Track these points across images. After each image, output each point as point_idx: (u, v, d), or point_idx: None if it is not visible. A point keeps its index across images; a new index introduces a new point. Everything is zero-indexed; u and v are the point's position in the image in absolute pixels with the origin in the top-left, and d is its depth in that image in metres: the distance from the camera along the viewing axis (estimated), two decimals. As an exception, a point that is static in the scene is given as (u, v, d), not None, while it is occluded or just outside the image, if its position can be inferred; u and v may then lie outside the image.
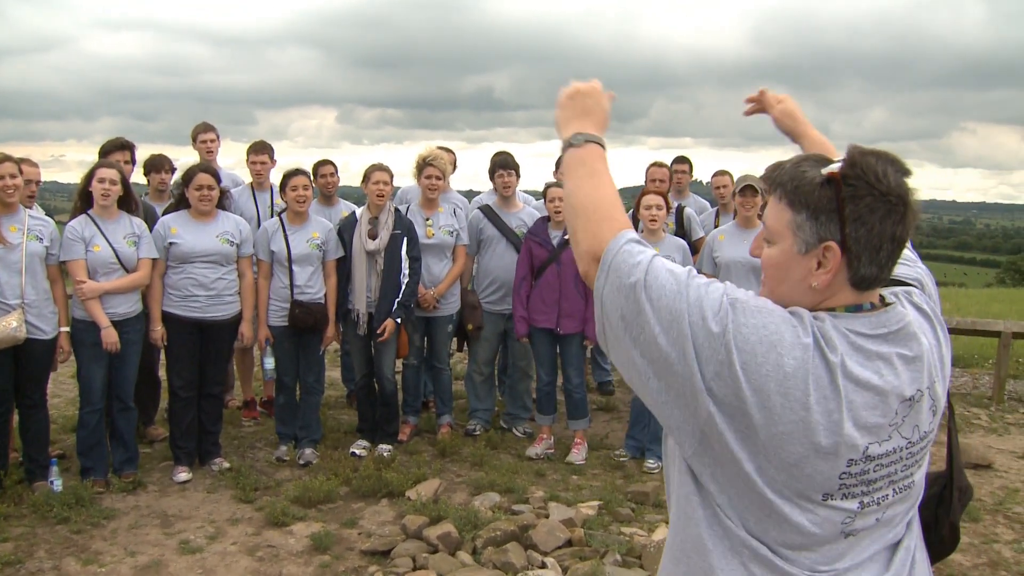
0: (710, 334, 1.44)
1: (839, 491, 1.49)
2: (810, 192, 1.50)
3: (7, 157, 5.46)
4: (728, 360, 1.42)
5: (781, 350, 1.43)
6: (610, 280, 1.55)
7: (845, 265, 1.50)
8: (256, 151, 7.28)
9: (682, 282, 1.50)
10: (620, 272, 1.54)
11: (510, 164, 7.05)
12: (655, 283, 1.50)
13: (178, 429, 6.18)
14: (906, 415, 1.52)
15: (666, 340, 1.46)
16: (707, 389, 1.44)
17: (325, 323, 6.39)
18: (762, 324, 1.45)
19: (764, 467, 1.45)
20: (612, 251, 1.57)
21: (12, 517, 5.32)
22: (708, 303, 1.47)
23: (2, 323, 5.36)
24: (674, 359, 1.46)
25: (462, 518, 5.13)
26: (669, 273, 1.52)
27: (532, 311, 6.56)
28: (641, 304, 1.49)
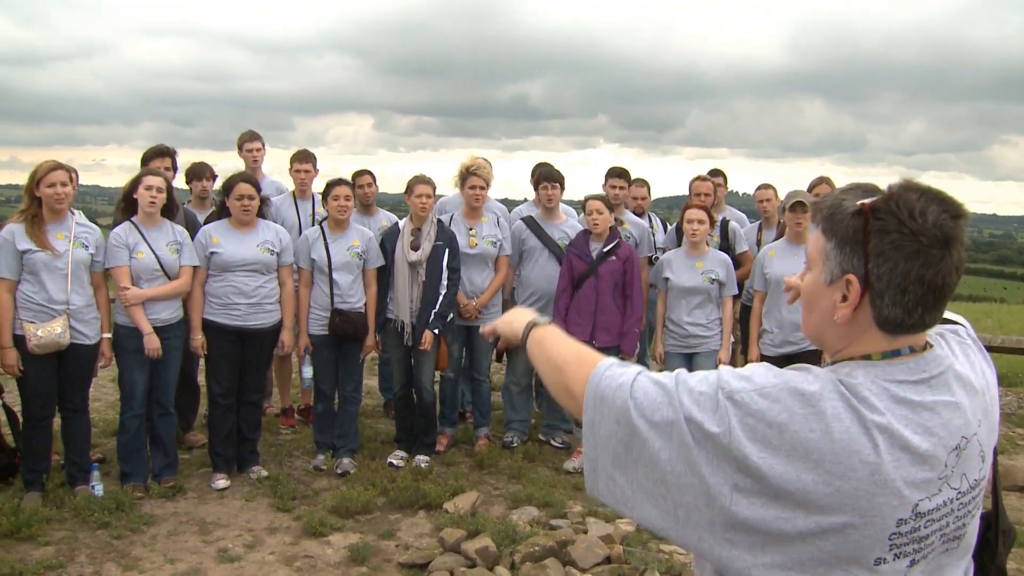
0: (713, 437, 1.38)
1: (890, 552, 1.41)
2: (841, 221, 1.45)
3: (58, 165, 5.52)
4: (742, 456, 1.36)
5: (795, 427, 1.36)
6: (599, 409, 1.50)
7: (869, 303, 1.44)
8: (300, 160, 7.31)
9: (671, 391, 1.44)
10: (606, 399, 1.49)
11: (555, 176, 7.01)
12: (645, 399, 1.45)
13: (217, 436, 6.21)
14: (954, 465, 1.44)
15: (668, 455, 1.40)
16: (733, 487, 1.37)
17: (365, 332, 6.40)
18: (766, 408, 1.38)
19: (808, 542, 1.38)
20: (594, 381, 1.53)
21: (54, 520, 5.37)
22: (704, 404, 1.40)
23: (47, 328, 5.42)
24: (680, 471, 1.40)
25: (500, 532, 5.09)
26: (656, 385, 1.46)
27: (569, 324, 6.52)
28: (635, 424, 1.44)
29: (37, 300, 5.45)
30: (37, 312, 5.45)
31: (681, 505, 1.41)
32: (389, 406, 7.89)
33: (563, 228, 7.02)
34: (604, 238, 6.54)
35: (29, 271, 5.46)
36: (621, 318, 6.46)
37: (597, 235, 6.54)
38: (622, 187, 7.70)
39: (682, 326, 6.50)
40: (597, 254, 6.48)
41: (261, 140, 7.52)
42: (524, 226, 7.06)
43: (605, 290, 6.43)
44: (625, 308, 6.50)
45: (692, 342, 6.48)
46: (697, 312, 6.50)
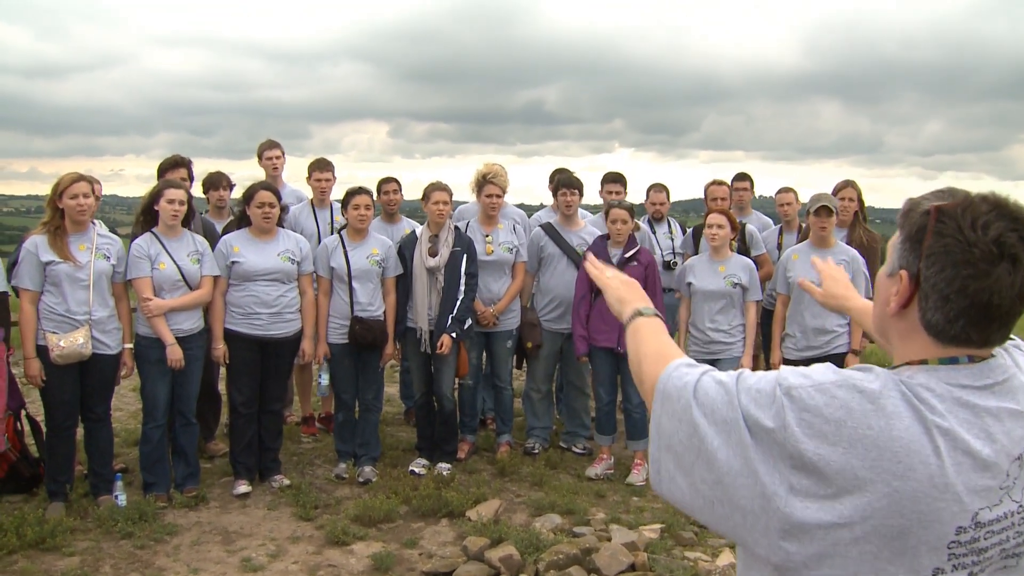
0: (769, 432, 1.37)
1: (948, 562, 1.38)
2: (912, 217, 1.46)
3: (80, 177, 5.54)
4: (798, 452, 1.35)
5: (853, 424, 1.35)
6: (664, 407, 1.52)
7: (917, 303, 1.44)
8: (320, 168, 7.31)
9: (731, 390, 1.44)
10: (671, 397, 1.51)
11: (574, 183, 6.99)
12: (706, 398, 1.45)
13: (238, 445, 6.22)
14: (1016, 476, 1.41)
15: (726, 453, 1.40)
16: (789, 486, 1.36)
17: (384, 340, 6.40)
18: (823, 404, 1.37)
19: (864, 547, 1.35)
20: (664, 379, 1.55)
21: (78, 531, 5.39)
22: (762, 400, 1.40)
23: (69, 338, 5.45)
24: (737, 471, 1.39)
25: (523, 540, 5.07)
26: (718, 385, 1.47)
27: (592, 330, 6.52)
28: (695, 421, 1.44)
29: (59, 311, 5.47)
30: (59, 323, 5.47)
31: (738, 508, 1.40)
32: (410, 414, 7.88)
33: (582, 235, 7.00)
34: (624, 245, 6.52)
35: (52, 282, 5.49)
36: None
37: (617, 242, 6.53)
38: (618, 192, 7.69)
39: (704, 332, 6.47)
40: (618, 260, 6.46)
41: (281, 148, 7.54)
42: (543, 233, 7.04)
43: (627, 296, 6.40)
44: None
45: (714, 348, 6.44)
46: (719, 317, 6.46)
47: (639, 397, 6.52)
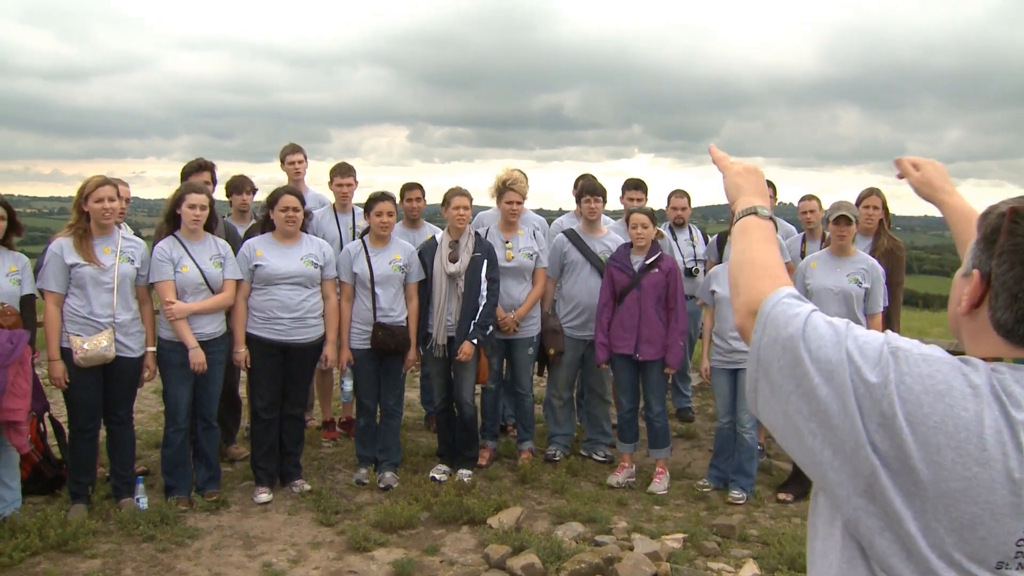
0: (869, 385, 1.36)
1: (1015, 559, 1.36)
2: (989, 219, 1.45)
3: (106, 181, 5.55)
4: (891, 412, 1.34)
5: (951, 401, 1.34)
6: (767, 332, 1.49)
7: (988, 302, 1.43)
8: (342, 173, 7.28)
9: (841, 332, 1.43)
10: (777, 324, 1.48)
11: (598, 190, 6.95)
12: (814, 334, 1.43)
13: (260, 450, 6.21)
14: None
15: (826, 391, 1.39)
16: (870, 443, 1.35)
17: (407, 346, 6.38)
18: (928, 373, 1.36)
19: (932, 527, 1.34)
20: (770, 303, 1.53)
21: (100, 533, 5.40)
22: (868, 352, 1.39)
23: (93, 341, 5.46)
24: (834, 411, 1.38)
25: (545, 548, 5.05)
26: (828, 324, 1.45)
27: (612, 337, 6.49)
28: (800, 355, 1.42)
29: (83, 314, 5.49)
30: (83, 325, 5.49)
31: (828, 446, 1.40)
32: (430, 419, 7.86)
33: (604, 241, 6.97)
34: (646, 251, 6.48)
35: (76, 285, 5.50)
36: (665, 331, 6.40)
37: (639, 248, 6.49)
38: (639, 199, 7.66)
39: (727, 341, 6.40)
40: (639, 267, 6.43)
41: (303, 152, 7.53)
42: (566, 239, 7.00)
43: (649, 303, 6.37)
44: (669, 320, 6.42)
45: (737, 357, 6.38)
46: None
47: (660, 406, 6.50)
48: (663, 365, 6.49)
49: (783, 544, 5.30)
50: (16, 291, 5.42)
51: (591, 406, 7.30)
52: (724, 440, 6.51)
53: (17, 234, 5.54)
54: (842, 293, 6.17)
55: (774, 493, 6.46)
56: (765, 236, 1.74)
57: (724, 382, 6.43)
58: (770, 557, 5.18)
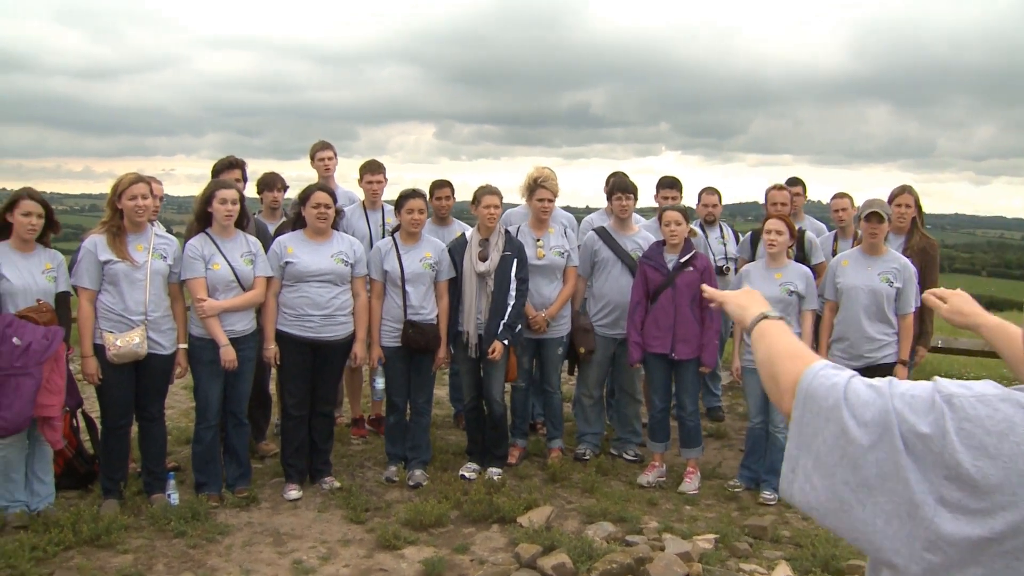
0: (925, 438, 1.31)
1: None
2: None
3: (139, 178, 5.58)
4: (955, 461, 1.29)
5: (1017, 438, 1.29)
6: (808, 407, 1.47)
7: None
8: (371, 171, 7.27)
9: (884, 393, 1.39)
10: (817, 396, 1.46)
11: (629, 187, 6.90)
12: (856, 400, 1.39)
13: (290, 447, 6.22)
14: None
15: (875, 457, 1.35)
16: (938, 498, 1.30)
17: (437, 344, 6.36)
18: (986, 415, 1.31)
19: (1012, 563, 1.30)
20: (807, 378, 1.50)
21: (132, 528, 5.42)
22: (917, 405, 1.34)
23: (125, 338, 5.49)
24: (886, 474, 1.34)
25: (576, 548, 5.01)
26: (869, 387, 1.41)
27: (646, 336, 6.45)
28: (844, 423, 1.39)
29: (116, 311, 5.51)
30: (116, 322, 5.52)
31: (880, 514, 1.35)
32: (459, 417, 7.85)
33: (636, 239, 6.92)
34: (679, 249, 6.43)
35: (109, 282, 5.53)
36: (700, 330, 6.36)
37: (672, 246, 6.44)
38: (674, 198, 7.61)
39: None
40: (673, 265, 6.38)
41: (333, 149, 7.52)
42: (596, 237, 6.96)
43: (683, 302, 6.32)
44: (703, 320, 6.37)
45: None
46: None
47: (693, 405, 6.46)
48: (698, 364, 6.44)
49: (816, 546, 5.23)
50: (52, 288, 5.47)
51: (621, 405, 7.26)
52: (756, 440, 6.45)
53: (54, 232, 5.58)
54: (873, 292, 6.11)
55: (806, 494, 6.39)
56: (783, 330, 1.79)
57: (756, 382, 6.37)
58: (803, 559, 5.13)
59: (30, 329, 5.21)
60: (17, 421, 5.17)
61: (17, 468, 5.52)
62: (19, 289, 5.32)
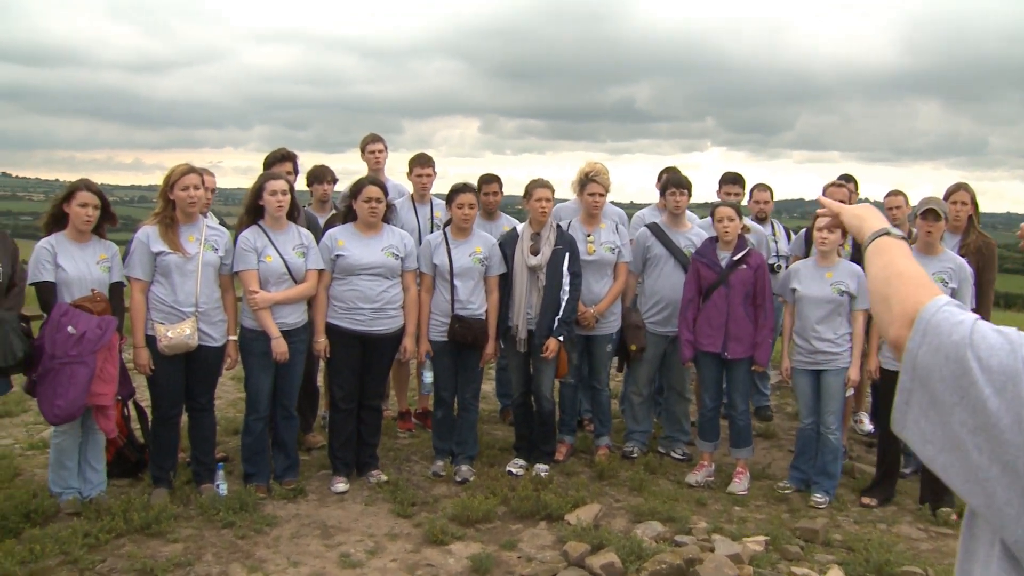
0: None
1: None
2: None
3: (191, 169, 5.61)
4: None
5: None
6: (927, 340, 1.38)
7: None
8: (421, 164, 7.23)
9: (1015, 341, 1.31)
10: (940, 331, 1.38)
11: (683, 183, 6.82)
12: (983, 342, 1.32)
13: (337, 440, 6.22)
14: None
15: (997, 404, 1.27)
16: None
17: (484, 339, 6.32)
18: None
19: None
20: (930, 311, 1.42)
21: (181, 518, 5.46)
22: None
23: (176, 329, 5.52)
24: (1006, 425, 1.26)
25: (625, 547, 4.96)
26: (997, 332, 1.34)
27: (698, 334, 6.37)
28: (967, 363, 1.31)
29: (168, 302, 5.55)
30: (167, 314, 5.55)
31: (997, 462, 1.28)
32: (506, 412, 7.83)
33: (689, 236, 6.84)
34: (732, 246, 6.34)
35: (161, 273, 5.57)
36: (753, 328, 6.27)
37: (725, 243, 6.35)
38: (737, 193, 7.50)
39: (809, 341, 6.23)
40: (727, 263, 6.29)
41: (383, 142, 7.50)
42: (649, 233, 6.88)
43: (736, 300, 6.23)
44: (757, 318, 6.27)
45: (819, 358, 6.20)
46: (821, 327, 6.19)
47: (744, 404, 6.37)
48: (750, 363, 6.36)
49: (870, 551, 5.14)
50: (106, 278, 5.52)
51: (670, 403, 7.19)
52: (806, 441, 6.35)
53: (111, 224, 5.62)
54: None
55: (857, 497, 6.28)
56: (905, 252, 1.68)
57: (806, 383, 6.27)
58: (856, 564, 5.03)
59: (85, 318, 5.27)
60: (71, 409, 5.23)
61: (71, 455, 5.58)
62: (74, 279, 5.38)
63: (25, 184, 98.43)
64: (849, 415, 7.15)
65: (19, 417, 7.79)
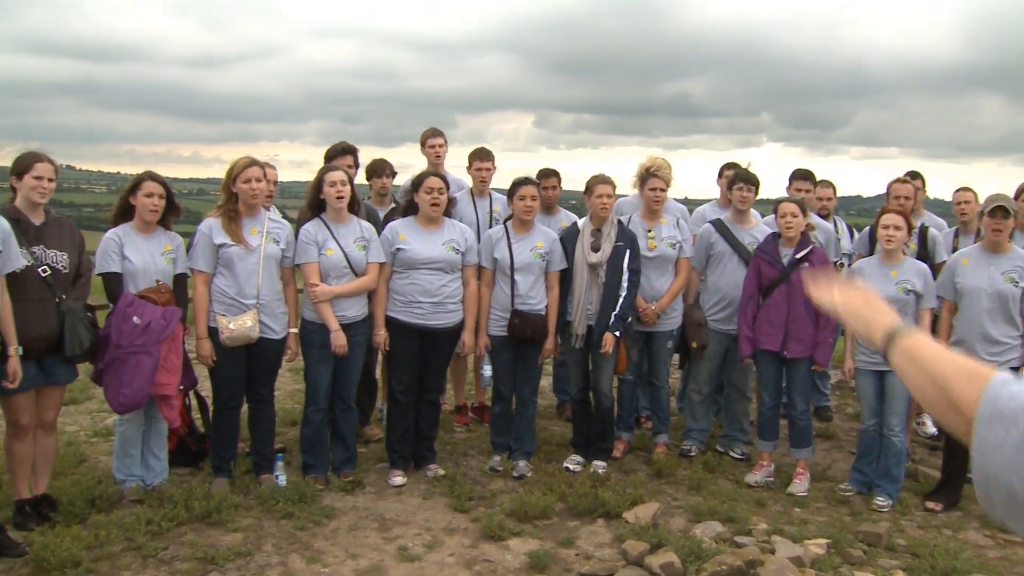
0: None
1: None
2: None
3: (253, 162, 5.65)
4: None
5: None
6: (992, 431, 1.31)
7: None
8: (481, 158, 7.20)
9: None
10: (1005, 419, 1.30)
11: (751, 179, 6.73)
12: None
13: (395, 433, 6.24)
14: None
15: None
16: None
17: (544, 334, 6.28)
18: None
19: None
20: (989, 399, 1.34)
21: (241, 507, 5.51)
22: None
23: (238, 321, 5.57)
24: None
25: (684, 547, 4.90)
26: None
27: (758, 332, 6.28)
28: None
29: (230, 294, 5.60)
30: (229, 306, 5.61)
31: None
32: (563, 408, 7.80)
33: (753, 232, 6.73)
34: (795, 243, 6.23)
35: (223, 265, 5.62)
36: (814, 328, 6.15)
37: (788, 240, 6.25)
38: (808, 190, 7.37)
39: None
40: (789, 260, 6.19)
41: (444, 136, 7.48)
42: (713, 229, 6.79)
43: (798, 298, 6.11)
44: (818, 317, 6.16)
45: (884, 359, 6.07)
46: None
47: (804, 404, 6.28)
48: (810, 363, 6.25)
49: (936, 556, 5.03)
50: (170, 270, 5.59)
51: (730, 401, 7.10)
52: (869, 443, 6.23)
53: (175, 216, 5.69)
54: (996, 293, 5.82)
55: (921, 502, 6.15)
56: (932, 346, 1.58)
57: (870, 383, 6.15)
58: (921, 570, 4.93)
59: (149, 309, 5.33)
60: (136, 398, 5.30)
61: (134, 443, 5.67)
62: (140, 269, 5.45)
63: (88, 176, 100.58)
64: (912, 417, 7.01)
65: (83, 405, 7.93)
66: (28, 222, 5.02)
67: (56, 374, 5.19)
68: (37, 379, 5.05)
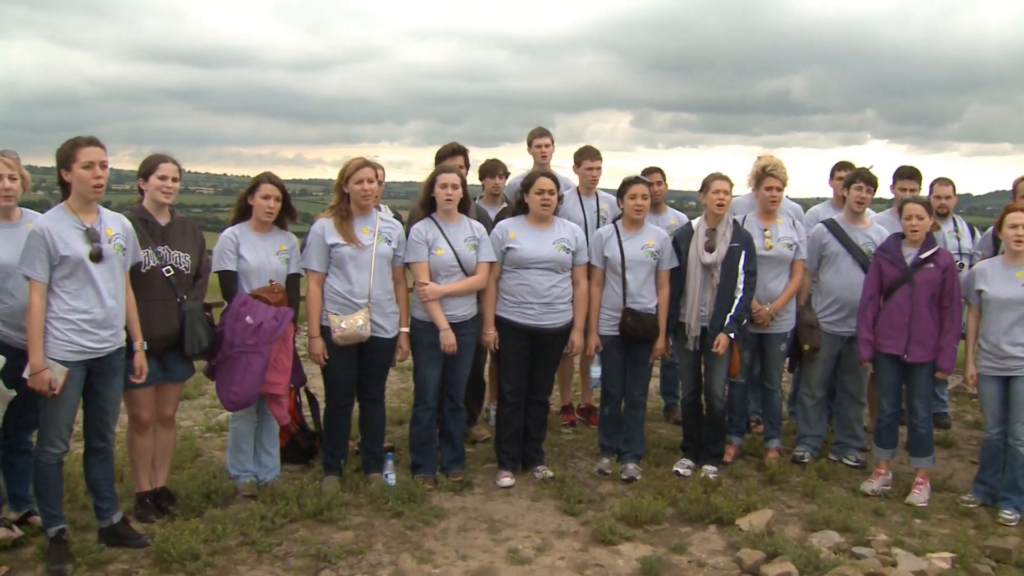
0: None
1: None
2: None
3: (365, 163, 5.70)
4: None
5: None
6: None
7: None
8: (590, 157, 7.13)
9: None
10: None
11: (871, 179, 6.53)
12: None
13: (504, 433, 6.22)
14: None
15: None
16: None
17: (655, 334, 6.19)
18: None
19: None
20: None
21: (351, 505, 5.57)
22: None
23: (350, 320, 5.61)
24: None
25: (801, 557, 4.77)
26: None
27: (878, 335, 6.07)
28: None
29: (342, 293, 5.65)
30: (341, 305, 5.65)
31: None
32: (671, 410, 7.69)
33: (868, 233, 6.53)
34: (919, 244, 6.00)
35: (336, 264, 5.67)
36: (938, 332, 5.92)
37: (913, 240, 6.02)
38: (912, 189, 7.11)
39: (999, 346, 5.84)
40: (912, 261, 5.96)
41: (550, 136, 7.44)
42: (826, 230, 6.61)
43: (921, 300, 5.89)
44: (943, 321, 5.93)
45: (1010, 364, 5.80)
46: (1017, 330, 5.77)
47: (926, 411, 6.05)
48: (933, 368, 6.02)
49: (1071, 575, 4.79)
50: (284, 269, 5.67)
51: (843, 407, 6.88)
52: (993, 453, 5.97)
53: (291, 219, 5.79)
54: None
55: (1051, 516, 5.86)
56: None
57: (994, 390, 5.89)
58: (1056, 590, 4.70)
59: (262, 309, 5.42)
60: (246, 397, 5.41)
61: (247, 440, 5.78)
62: (254, 269, 5.55)
63: (196, 178, 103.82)
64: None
65: (196, 400, 8.13)
66: (155, 222, 5.15)
67: (175, 371, 5.32)
68: (158, 375, 5.18)
